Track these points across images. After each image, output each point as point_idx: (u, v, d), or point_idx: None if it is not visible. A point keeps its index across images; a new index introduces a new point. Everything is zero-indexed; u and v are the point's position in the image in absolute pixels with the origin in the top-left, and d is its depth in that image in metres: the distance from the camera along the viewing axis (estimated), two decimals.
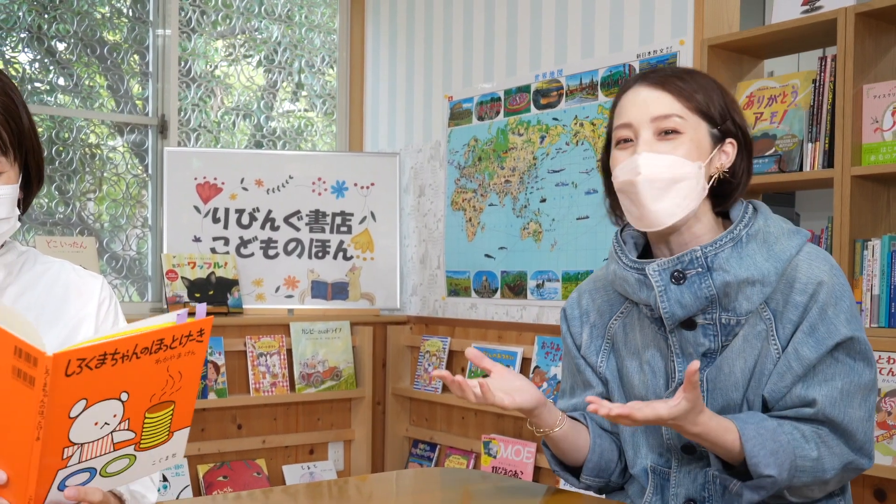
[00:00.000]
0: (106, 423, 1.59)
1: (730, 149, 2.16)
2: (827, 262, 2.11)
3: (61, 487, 1.63)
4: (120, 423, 1.61)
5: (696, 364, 1.87)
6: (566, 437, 2.27)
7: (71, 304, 2.18)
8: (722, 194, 2.17)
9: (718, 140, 2.14)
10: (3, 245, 2.07)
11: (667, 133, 2.10)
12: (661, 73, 2.17)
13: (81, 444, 1.59)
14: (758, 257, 2.06)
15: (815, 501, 2.14)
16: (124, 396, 1.58)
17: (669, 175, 2.07)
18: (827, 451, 2.03)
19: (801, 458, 2.00)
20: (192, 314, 1.63)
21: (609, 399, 2.33)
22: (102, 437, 1.61)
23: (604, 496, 2.42)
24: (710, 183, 2.14)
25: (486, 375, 2.19)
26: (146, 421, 1.65)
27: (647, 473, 2.25)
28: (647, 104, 2.12)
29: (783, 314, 2.08)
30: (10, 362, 1.50)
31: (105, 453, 1.64)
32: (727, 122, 2.15)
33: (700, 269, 2.05)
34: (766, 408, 2.11)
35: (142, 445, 1.68)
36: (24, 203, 2.09)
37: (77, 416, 1.54)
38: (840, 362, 2.05)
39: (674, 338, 2.15)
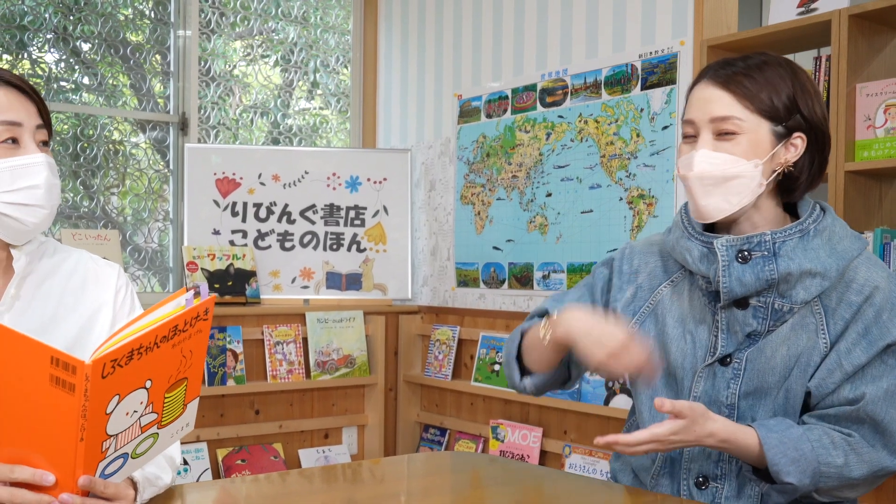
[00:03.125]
0: (135, 411, 1.62)
1: (799, 143, 2.11)
2: (885, 269, 2.12)
3: (102, 476, 1.66)
4: (146, 407, 1.64)
5: (657, 401, 1.95)
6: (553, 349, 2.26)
7: (89, 291, 2.21)
8: (787, 189, 2.16)
9: (783, 136, 2.10)
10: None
11: (725, 134, 2.08)
12: (730, 70, 2.12)
13: (116, 435, 1.61)
14: (821, 252, 2.06)
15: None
16: (148, 384, 1.61)
17: (721, 173, 2.07)
18: (855, 457, 2.02)
19: (826, 465, 2.00)
20: (196, 293, 1.66)
21: None
22: (132, 425, 1.63)
23: (606, 476, 2.42)
24: (774, 178, 2.12)
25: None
26: (166, 400, 1.68)
27: None
28: (708, 104, 2.10)
29: (836, 311, 2.07)
30: (46, 371, 1.53)
31: (135, 438, 1.66)
32: (795, 117, 2.10)
33: (766, 253, 2.05)
34: (807, 401, 2.10)
35: (163, 423, 1.71)
36: None
37: (112, 411, 1.57)
38: (887, 364, 2.05)
39: (723, 314, 2.14)
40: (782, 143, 2.10)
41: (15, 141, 2.00)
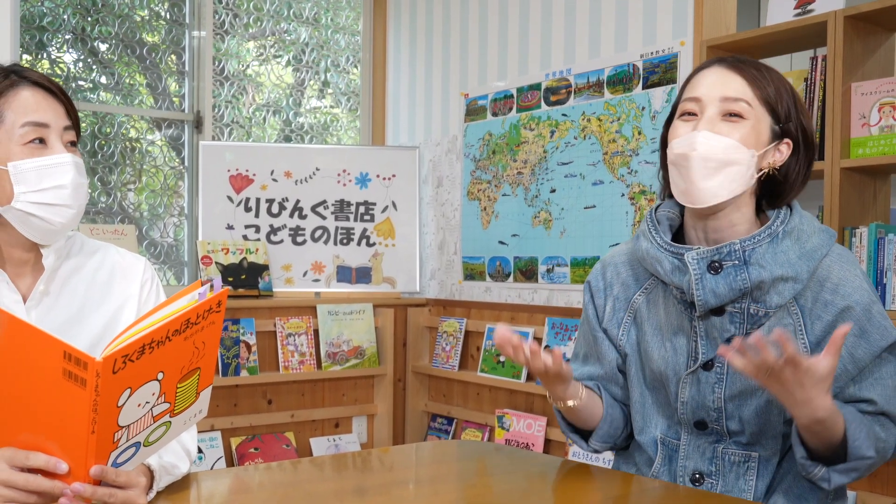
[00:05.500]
0: (147, 402, 1.62)
1: (784, 149, 2.09)
2: (855, 265, 2.09)
3: (115, 465, 1.67)
4: (158, 398, 1.64)
5: (846, 328, 1.82)
6: (584, 409, 2.25)
7: (116, 285, 2.21)
8: (771, 193, 2.13)
9: (777, 137, 2.08)
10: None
11: (731, 115, 2.04)
12: (742, 60, 2.11)
13: (128, 426, 1.62)
14: (791, 254, 2.02)
15: (812, 489, 2.12)
16: (160, 376, 1.61)
17: (723, 157, 2.02)
18: (885, 431, 2.01)
19: (878, 440, 1.98)
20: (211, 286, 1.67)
21: (623, 373, 2.33)
22: (144, 415, 1.64)
23: (609, 464, 2.43)
24: (760, 176, 2.08)
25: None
26: (178, 390, 1.68)
27: (656, 444, 2.24)
28: (720, 83, 2.07)
29: (812, 311, 2.04)
30: (59, 365, 1.53)
31: (147, 427, 1.67)
32: (790, 123, 2.08)
33: (737, 262, 2.01)
34: None
35: (175, 411, 1.71)
36: None
37: (124, 404, 1.57)
38: (886, 361, 2.04)
39: (700, 321, 2.11)
40: (775, 143, 2.09)
41: (42, 141, 2.01)
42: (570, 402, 2.23)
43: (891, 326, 2.02)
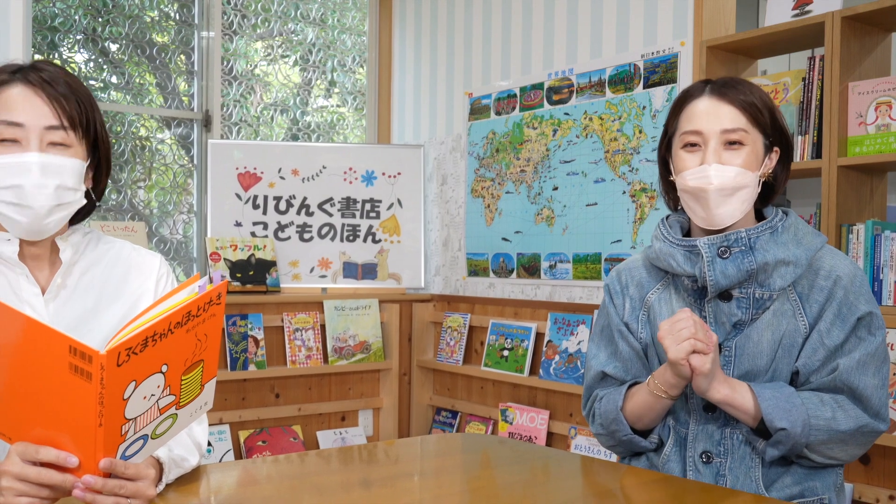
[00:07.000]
0: (152, 395, 1.63)
1: (774, 157, 2.27)
2: (846, 257, 2.26)
3: (123, 458, 1.68)
4: (163, 391, 1.65)
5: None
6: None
7: (131, 280, 2.22)
8: (764, 196, 2.32)
9: (769, 148, 2.26)
10: (69, 222, 2.13)
11: (732, 143, 2.20)
12: (726, 88, 2.24)
13: (135, 418, 1.62)
14: (790, 245, 2.19)
15: (817, 469, 2.21)
16: (164, 368, 1.62)
17: (734, 184, 2.18)
18: (842, 412, 2.12)
19: (815, 417, 2.10)
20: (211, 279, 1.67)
21: (644, 368, 2.40)
22: (150, 408, 1.64)
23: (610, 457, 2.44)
24: (758, 186, 2.27)
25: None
26: (183, 382, 1.69)
27: (668, 429, 2.31)
28: (717, 117, 2.20)
29: (809, 296, 2.20)
30: (66, 360, 1.54)
31: (153, 420, 1.67)
32: (776, 132, 2.25)
33: (743, 248, 2.18)
34: (794, 377, 2.21)
35: (181, 404, 1.72)
36: (97, 191, 2.16)
37: (129, 396, 1.58)
38: (859, 337, 2.17)
39: (709, 308, 2.25)
40: (767, 155, 2.26)
41: (15, 141, 1.96)
42: (676, 393, 2.25)
43: (861, 304, 2.18)
